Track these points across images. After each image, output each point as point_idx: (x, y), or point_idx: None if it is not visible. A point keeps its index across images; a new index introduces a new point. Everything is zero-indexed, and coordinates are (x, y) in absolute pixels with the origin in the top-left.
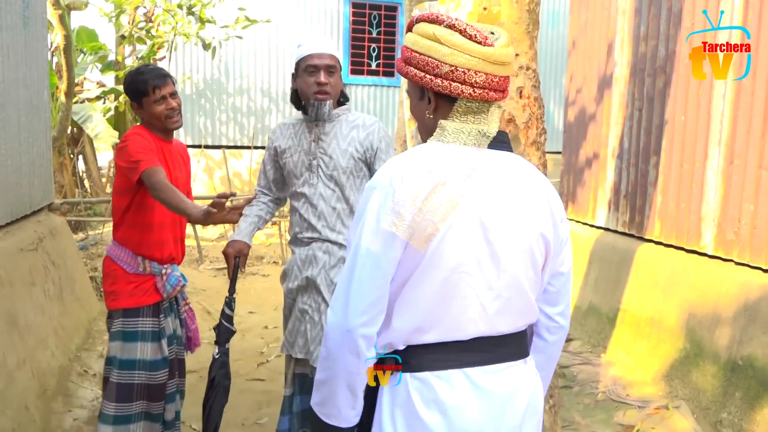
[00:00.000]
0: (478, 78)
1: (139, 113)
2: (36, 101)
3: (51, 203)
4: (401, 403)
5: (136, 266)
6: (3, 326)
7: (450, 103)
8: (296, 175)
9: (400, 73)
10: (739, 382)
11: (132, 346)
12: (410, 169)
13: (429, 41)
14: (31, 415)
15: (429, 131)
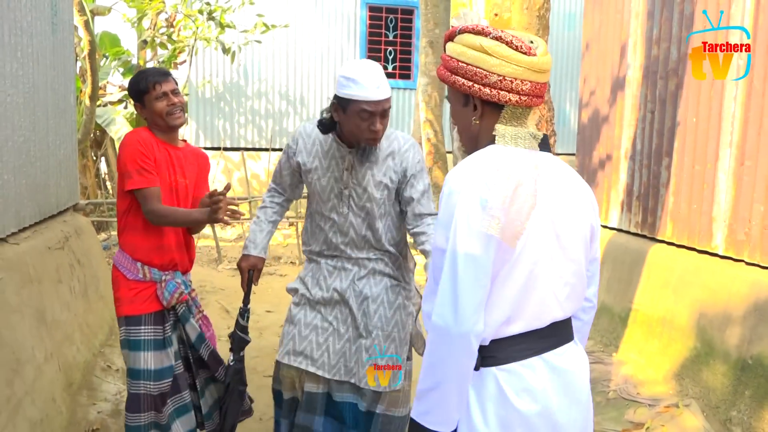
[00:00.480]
0: (524, 86)
1: (143, 113)
2: (63, 105)
3: (76, 204)
4: (492, 397)
5: (136, 272)
6: (32, 321)
7: (496, 110)
8: (323, 200)
9: (443, 81)
10: (749, 381)
11: (136, 355)
12: (492, 173)
13: (476, 52)
14: (58, 407)
15: (473, 136)
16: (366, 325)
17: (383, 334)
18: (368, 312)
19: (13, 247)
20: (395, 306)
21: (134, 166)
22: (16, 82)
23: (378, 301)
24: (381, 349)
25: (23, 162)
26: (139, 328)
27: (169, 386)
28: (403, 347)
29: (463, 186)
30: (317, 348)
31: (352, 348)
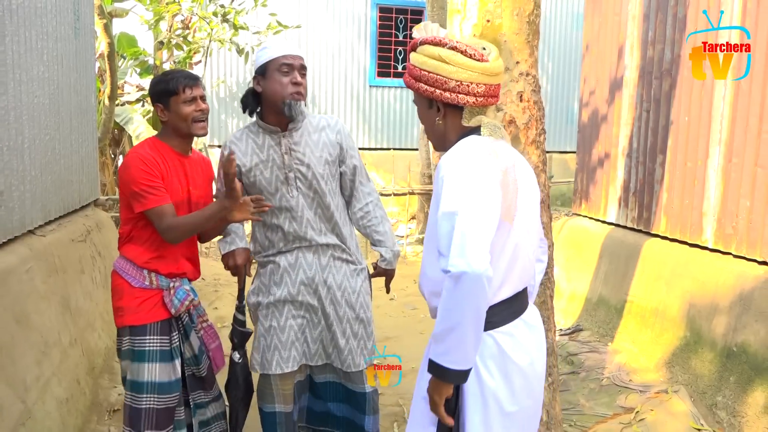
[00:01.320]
0: (479, 89)
1: (164, 116)
2: (84, 105)
3: (96, 199)
4: (493, 355)
5: (142, 280)
6: (58, 308)
7: (456, 111)
8: (270, 191)
9: (409, 88)
10: (734, 367)
11: (140, 366)
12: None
13: (436, 61)
14: (82, 388)
15: (440, 135)
16: (335, 312)
17: (353, 317)
18: (336, 299)
19: (40, 239)
20: (358, 290)
21: (140, 187)
22: (43, 84)
23: (342, 288)
24: (353, 331)
25: (49, 159)
26: (144, 338)
27: (176, 402)
28: (370, 325)
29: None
30: (298, 343)
31: (328, 335)
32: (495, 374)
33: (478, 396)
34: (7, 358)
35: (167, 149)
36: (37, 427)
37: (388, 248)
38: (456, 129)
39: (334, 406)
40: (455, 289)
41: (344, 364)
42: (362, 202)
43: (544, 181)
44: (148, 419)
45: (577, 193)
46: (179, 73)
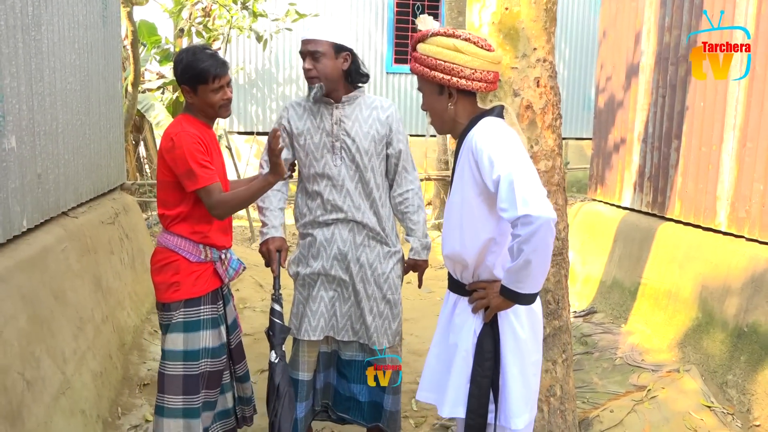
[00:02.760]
0: (489, 76)
1: (191, 99)
2: (112, 92)
3: (123, 183)
4: (523, 309)
5: (199, 254)
6: (91, 286)
7: (468, 96)
8: (316, 157)
9: (420, 75)
10: (744, 347)
11: (195, 335)
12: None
13: (451, 51)
14: (114, 363)
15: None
16: (365, 289)
17: (380, 297)
18: (366, 277)
19: (73, 220)
20: (388, 271)
21: (194, 165)
22: (74, 71)
23: (373, 267)
24: (379, 310)
25: (80, 144)
26: (198, 309)
27: (225, 365)
28: (396, 307)
29: (501, 133)
30: (328, 315)
31: (357, 311)
32: (525, 326)
33: (514, 347)
34: (48, 331)
35: (201, 125)
36: (76, 396)
37: (418, 239)
38: (467, 112)
39: (357, 389)
40: (538, 232)
41: (370, 341)
42: (403, 188)
43: (560, 165)
44: (203, 382)
45: (592, 177)
46: (209, 59)
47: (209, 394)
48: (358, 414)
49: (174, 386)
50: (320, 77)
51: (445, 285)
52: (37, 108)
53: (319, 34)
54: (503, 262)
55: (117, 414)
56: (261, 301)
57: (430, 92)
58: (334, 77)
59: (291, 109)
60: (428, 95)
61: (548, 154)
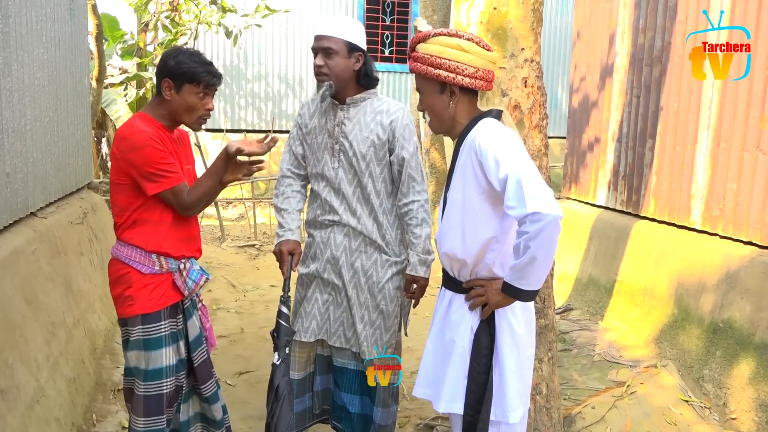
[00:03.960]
0: (489, 75)
1: (169, 95)
2: (79, 87)
3: (90, 182)
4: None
5: (152, 265)
6: (61, 289)
7: (468, 95)
8: (318, 158)
9: (422, 74)
10: (720, 342)
11: (157, 353)
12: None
13: (455, 50)
14: (87, 369)
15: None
16: (357, 296)
17: (373, 306)
18: (359, 284)
19: (42, 221)
20: (384, 281)
21: (157, 167)
22: (42, 65)
23: (368, 274)
24: (371, 319)
25: (48, 141)
26: (159, 325)
27: (184, 380)
28: (391, 319)
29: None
30: (321, 318)
31: (348, 317)
32: (521, 321)
33: (511, 343)
34: (21, 337)
35: (159, 126)
36: (50, 404)
37: (417, 254)
38: (467, 112)
39: (348, 399)
40: (546, 229)
41: (360, 349)
42: (408, 198)
43: (546, 164)
44: (167, 401)
45: (566, 176)
46: (205, 65)
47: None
48: (348, 425)
49: (136, 406)
50: (330, 75)
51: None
52: (6, 104)
53: (333, 31)
54: (502, 260)
55: (92, 421)
56: (235, 301)
57: (430, 91)
58: (344, 76)
59: (306, 106)
60: (428, 94)
61: (535, 153)
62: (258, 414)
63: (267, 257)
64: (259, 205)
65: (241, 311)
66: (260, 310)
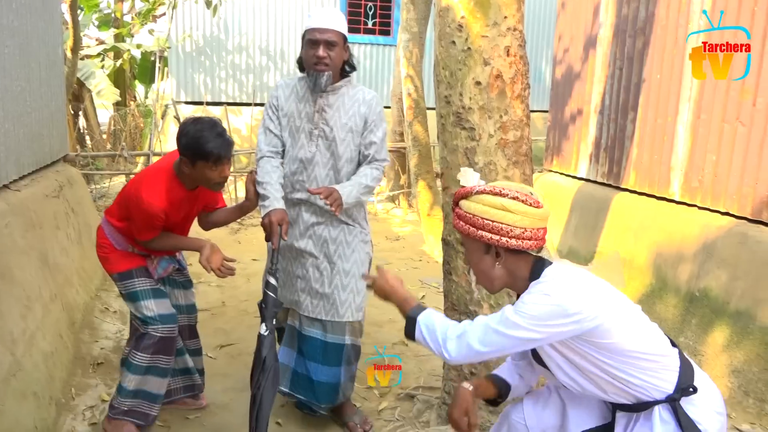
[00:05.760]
0: (539, 233)
1: (187, 169)
2: (53, 57)
3: (66, 155)
4: None
5: (126, 247)
6: (37, 263)
7: (517, 254)
8: (295, 140)
9: (466, 235)
10: (696, 311)
11: (137, 304)
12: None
13: (499, 211)
14: (65, 343)
15: (497, 278)
16: (328, 264)
17: (343, 270)
18: (329, 253)
19: (15, 194)
20: (353, 247)
21: (146, 224)
22: (13, 33)
23: (337, 242)
24: (342, 283)
25: (21, 112)
26: (133, 281)
27: (176, 333)
28: (361, 282)
29: (574, 276)
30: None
31: (321, 287)
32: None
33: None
34: None
35: (178, 189)
36: (27, 378)
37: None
38: (524, 267)
39: (312, 367)
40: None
41: (329, 313)
42: (367, 167)
43: (527, 135)
44: (152, 344)
45: (549, 149)
46: (215, 139)
47: (160, 359)
48: (311, 394)
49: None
50: (331, 66)
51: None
52: None
53: (333, 24)
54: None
55: (71, 395)
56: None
57: (474, 250)
58: (339, 66)
59: (280, 89)
60: (473, 253)
61: (517, 124)
62: (239, 386)
63: (248, 231)
64: (240, 179)
65: (222, 285)
66: (241, 283)
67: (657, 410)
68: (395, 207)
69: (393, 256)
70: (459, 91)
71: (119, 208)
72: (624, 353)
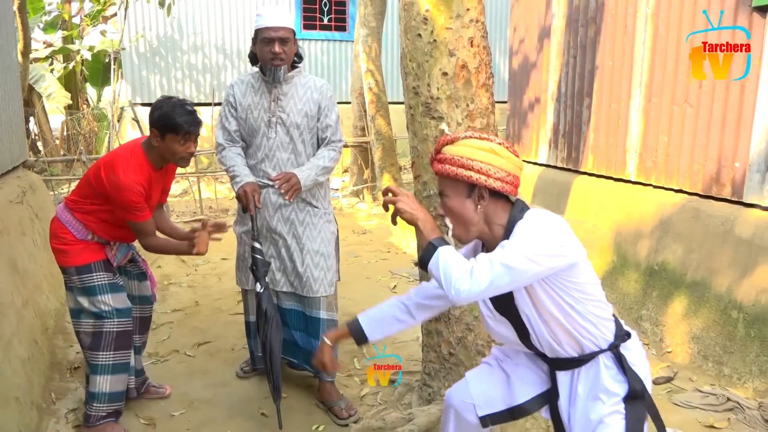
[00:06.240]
0: (517, 181)
1: (156, 142)
2: (7, 62)
3: (26, 160)
4: None
5: (85, 235)
6: (7, 270)
7: (497, 198)
8: (255, 129)
9: (450, 176)
10: (656, 284)
11: (94, 299)
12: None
13: (488, 153)
14: (40, 348)
15: (475, 223)
16: (297, 244)
17: (313, 250)
18: (297, 234)
19: None
20: (319, 228)
21: (131, 206)
22: None
23: (304, 224)
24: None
25: None
26: (91, 275)
27: (131, 326)
28: (330, 259)
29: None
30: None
31: (290, 264)
32: None
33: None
34: None
35: (148, 167)
36: (7, 384)
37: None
38: (501, 212)
39: (297, 335)
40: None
41: (303, 289)
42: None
43: (493, 122)
44: (108, 341)
45: (509, 137)
46: (186, 115)
47: (123, 354)
48: (301, 358)
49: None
50: (286, 60)
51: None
52: None
53: (284, 22)
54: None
55: (51, 399)
56: (186, 276)
57: (456, 194)
58: (291, 59)
59: (236, 86)
60: (454, 197)
61: (483, 112)
62: (219, 381)
63: None
64: (203, 179)
65: (194, 285)
66: (213, 282)
67: (600, 359)
68: (360, 201)
69: (361, 249)
70: (427, 82)
71: (82, 195)
72: (587, 295)
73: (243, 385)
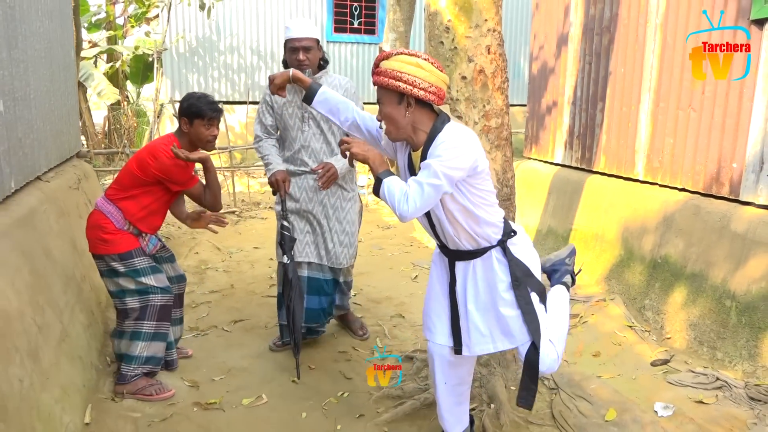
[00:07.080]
0: (441, 92)
1: (186, 129)
2: (67, 60)
3: (79, 151)
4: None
5: (123, 225)
6: (69, 247)
7: (421, 106)
8: (291, 125)
9: (384, 86)
10: (658, 276)
11: (138, 279)
12: (473, 134)
13: (414, 67)
14: (96, 318)
15: (403, 126)
16: (327, 224)
17: (341, 230)
18: (328, 215)
19: (47, 184)
20: (347, 210)
21: (185, 177)
22: (39, 38)
23: (335, 207)
24: (340, 240)
25: (47, 110)
26: (133, 260)
27: (172, 301)
28: (353, 236)
29: (469, 137)
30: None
31: (321, 240)
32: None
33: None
34: (45, 284)
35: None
36: (73, 344)
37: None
38: (426, 120)
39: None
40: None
41: (331, 261)
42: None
43: (507, 122)
44: (152, 313)
45: (528, 138)
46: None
47: (163, 324)
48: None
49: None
50: (310, 65)
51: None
52: (15, 74)
53: (308, 33)
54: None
55: (107, 362)
56: (221, 262)
57: (389, 101)
58: (315, 64)
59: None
60: (387, 104)
61: (498, 112)
62: (254, 353)
63: (247, 223)
64: (237, 174)
65: (229, 270)
66: (246, 269)
67: (492, 253)
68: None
69: (385, 242)
70: (447, 85)
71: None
72: (485, 200)
73: (275, 357)
